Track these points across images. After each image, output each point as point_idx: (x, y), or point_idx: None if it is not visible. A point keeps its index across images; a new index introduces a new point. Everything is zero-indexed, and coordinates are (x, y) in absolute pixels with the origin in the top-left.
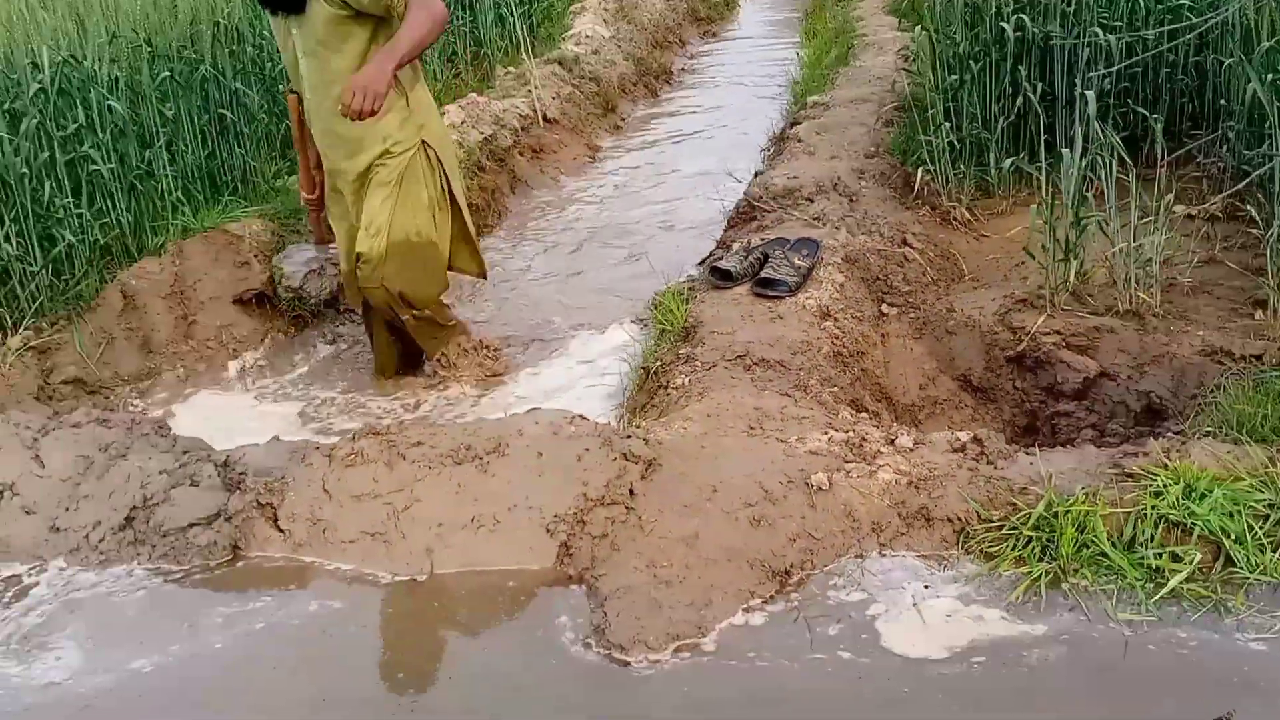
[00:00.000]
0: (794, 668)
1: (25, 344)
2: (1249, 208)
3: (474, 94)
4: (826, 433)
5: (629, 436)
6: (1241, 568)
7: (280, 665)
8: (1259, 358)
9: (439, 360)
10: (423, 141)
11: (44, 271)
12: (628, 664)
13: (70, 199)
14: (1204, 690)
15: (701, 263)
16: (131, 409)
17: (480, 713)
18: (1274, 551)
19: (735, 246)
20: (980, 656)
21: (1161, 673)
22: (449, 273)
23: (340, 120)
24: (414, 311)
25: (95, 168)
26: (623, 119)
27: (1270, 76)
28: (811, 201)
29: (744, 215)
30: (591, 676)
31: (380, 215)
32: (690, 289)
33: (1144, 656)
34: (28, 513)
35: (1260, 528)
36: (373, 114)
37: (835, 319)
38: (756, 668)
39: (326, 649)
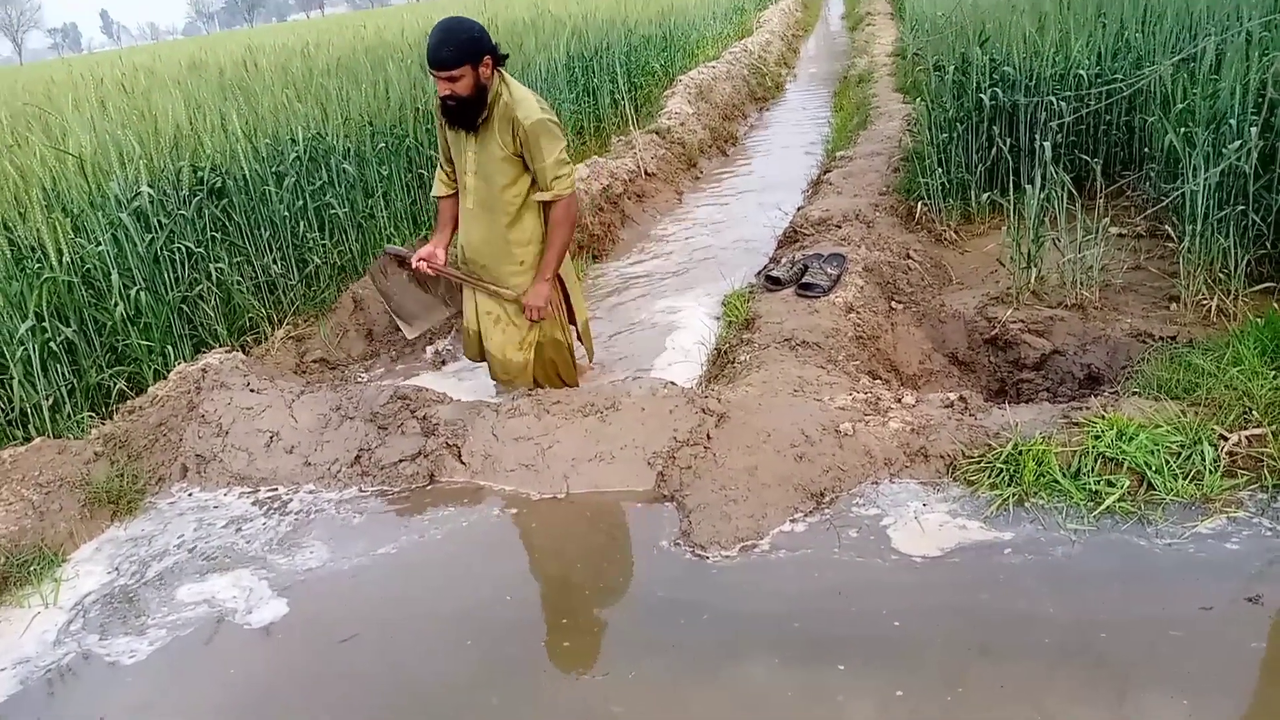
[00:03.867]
0: (826, 560)
1: (287, 334)
2: (1166, 228)
3: (596, 156)
4: (850, 394)
5: (706, 396)
6: (1160, 491)
7: (469, 550)
8: (1173, 338)
9: None
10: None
11: (300, 284)
12: (706, 557)
13: (317, 233)
14: (1127, 578)
15: (758, 273)
16: (359, 380)
17: (606, 585)
18: (1184, 479)
19: (783, 260)
20: (963, 555)
21: (1095, 566)
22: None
23: (494, 233)
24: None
25: (334, 211)
26: (701, 172)
27: (1182, 130)
28: (839, 227)
29: (789, 237)
30: (681, 565)
31: (530, 334)
32: (750, 291)
33: (1084, 554)
34: (287, 452)
35: (1174, 462)
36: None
37: (857, 312)
38: (799, 560)
39: (497, 542)
